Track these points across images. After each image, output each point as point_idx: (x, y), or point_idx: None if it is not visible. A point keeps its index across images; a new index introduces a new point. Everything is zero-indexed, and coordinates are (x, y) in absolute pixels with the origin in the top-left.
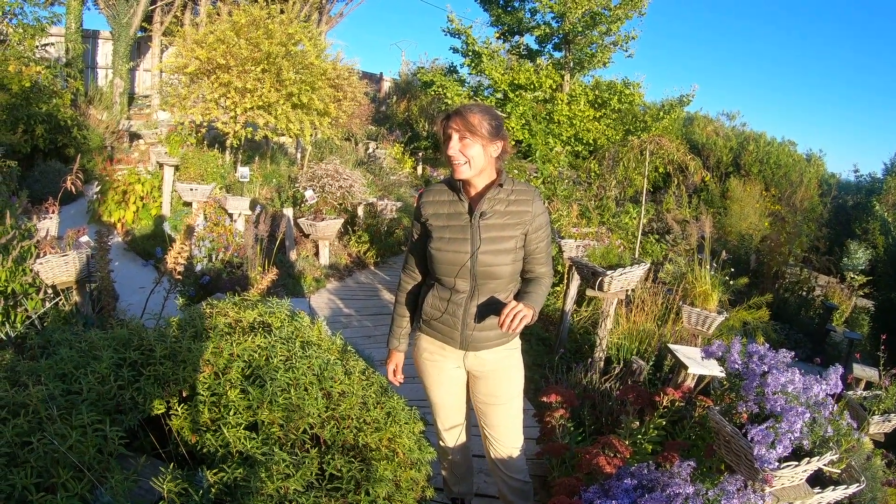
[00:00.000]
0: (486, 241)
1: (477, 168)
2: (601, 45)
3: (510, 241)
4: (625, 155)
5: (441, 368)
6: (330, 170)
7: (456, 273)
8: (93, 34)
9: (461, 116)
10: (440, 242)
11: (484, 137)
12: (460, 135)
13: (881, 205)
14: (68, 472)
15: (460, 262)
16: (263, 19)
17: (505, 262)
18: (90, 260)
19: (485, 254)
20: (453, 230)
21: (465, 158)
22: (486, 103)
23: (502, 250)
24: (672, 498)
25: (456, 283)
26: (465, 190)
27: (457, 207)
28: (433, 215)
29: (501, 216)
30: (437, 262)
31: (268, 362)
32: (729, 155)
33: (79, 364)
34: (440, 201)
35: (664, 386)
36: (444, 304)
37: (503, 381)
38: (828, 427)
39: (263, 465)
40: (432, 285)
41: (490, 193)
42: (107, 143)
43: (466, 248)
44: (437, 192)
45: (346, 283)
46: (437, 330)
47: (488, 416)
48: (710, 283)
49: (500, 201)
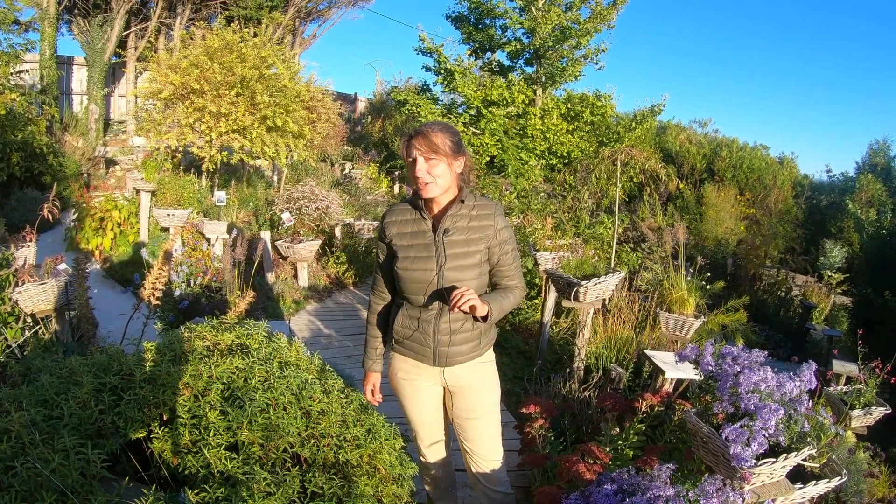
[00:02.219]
0: (451, 258)
1: (443, 186)
2: (572, 59)
3: (475, 255)
4: (596, 166)
5: (417, 387)
6: (306, 192)
7: (423, 291)
8: (67, 60)
9: (423, 137)
10: (406, 262)
11: (448, 155)
12: (425, 156)
13: (854, 203)
14: (52, 495)
15: (427, 280)
16: (236, 43)
17: (471, 276)
18: (68, 287)
19: (451, 270)
20: (418, 249)
21: (431, 178)
22: (461, 119)
23: (467, 266)
24: (653, 501)
25: (424, 301)
26: (427, 208)
27: (420, 226)
28: (397, 235)
29: (465, 232)
30: (404, 282)
31: (246, 383)
32: (703, 162)
33: (60, 390)
34: (403, 220)
35: (643, 392)
36: (415, 323)
37: (479, 395)
38: (805, 423)
39: (245, 484)
40: (401, 304)
41: (452, 210)
42: (83, 170)
43: (432, 265)
44: (400, 211)
45: (325, 303)
46: (409, 349)
47: (466, 431)
48: (687, 288)
49: (463, 217)
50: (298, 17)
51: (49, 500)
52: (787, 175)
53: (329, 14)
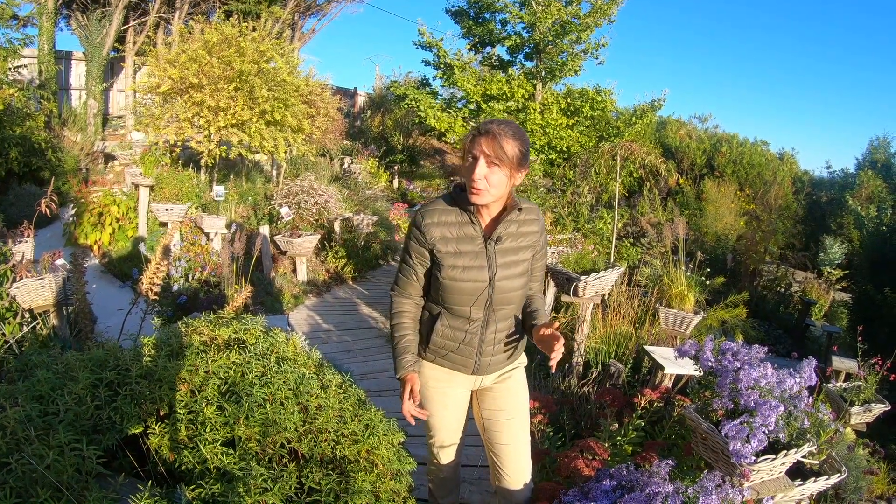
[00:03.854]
0: (503, 267)
1: (496, 196)
2: (572, 54)
3: (523, 263)
4: (596, 161)
5: (447, 394)
6: (305, 186)
7: (472, 302)
8: (66, 55)
9: (493, 139)
10: (455, 271)
11: (512, 166)
12: (488, 160)
13: (854, 199)
14: (47, 491)
15: (478, 292)
16: (235, 37)
17: (518, 285)
18: (66, 283)
19: (501, 280)
20: (468, 257)
21: (486, 185)
22: (460, 114)
23: (516, 274)
24: (651, 497)
25: (469, 312)
26: (477, 211)
27: (467, 231)
28: (441, 239)
29: (514, 239)
30: (450, 292)
31: (243, 378)
32: (702, 157)
33: (56, 385)
34: (447, 223)
35: (643, 387)
36: (460, 335)
37: (514, 395)
38: (804, 419)
39: (241, 479)
40: (439, 314)
41: (509, 217)
42: (82, 165)
43: (484, 276)
44: (443, 212)
45: (324, 298)
46: (448, 360)
47: (499, 433)
48: (686, 283)
49: (512, 223)
50: (297, 12)
51: (44, 496)
52: (787, 171)
53: (328, 8)
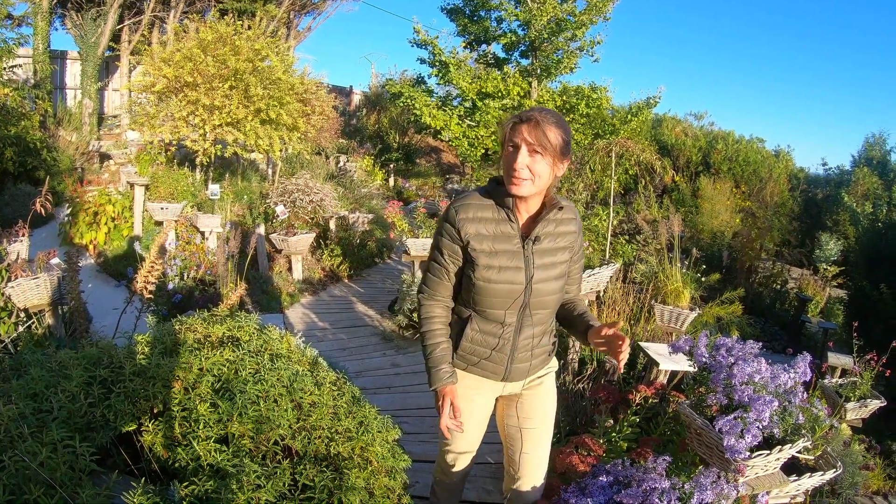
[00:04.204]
0: (541, 269)
1: (540, 187)
2: (567, 51)
3: (561, 266)
4: (591, 158)
5: (474, 403)
6: (300, 184)
7: (507, 305)
8: (61, 55)
9: (535, 126)
10: (489, 272)
11: (556, 154)
12: (530, 148)
13: (850, 196)
14: (40, 488)
15: (514, 295)
16: (230, 36)
17: (556, 288)
18: (61, 282)
19: (539, 283)
20: (504, 257)
21: (530, 175)
22: (456, 112)
23: (553, 277)
24: (648, 493)
25: (502, 316)
26: (516, 208)
27: (504, 228)
28: (476, 237)
29: (552, 239)
30: (484, 294)
31: (237, 375)
32: (698, 154)
33: (50, 383)
34: (483, 219)
35: (638, 383)
36: (492, 340)
37: (542, 402)
38: (799, 415)
39: (234, 476)
40: (469, 318)
41: (550, 215)
42: (77, 165)
43: (521, 277)
44: (479, 207)
45: (320, 296)
46: (478, 366)
47: (515, 441)
48: (682, 280)
49: (550, 222)
50: (293, 10)
51: (37, 493)
52: (782, 168)
53: (324, 6)
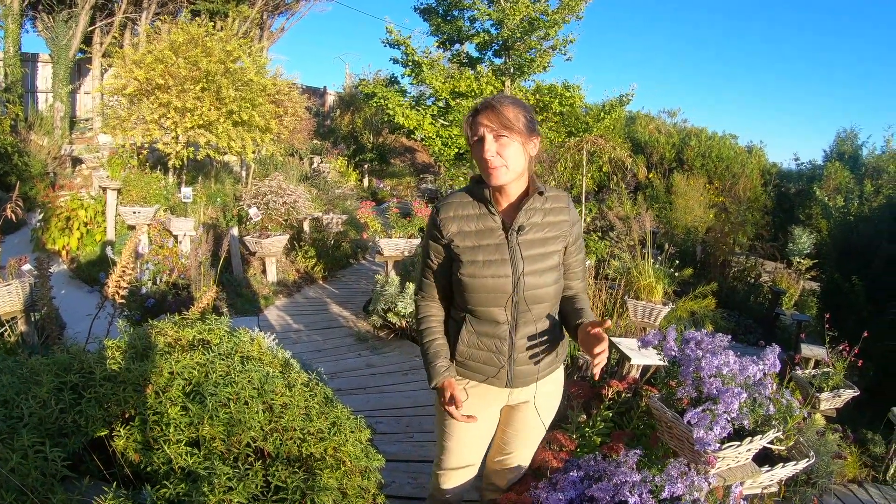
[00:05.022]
0: (529, 261)
1: (516, 171)
2: (540, 50)
3: (553, 257)
4: (562, 156)
5: (476, 413)
6: (273, 186)
7: (496, 302)
8: (32, 57)
9: (493, 111)
10: (473, 267)
11: (522, 133)
12: (494, 133)
13: (822, 190)
14: (12, 495)
15: (502, 290)
16: (202, 37)
17: (550, 282)
18: (34, 289)
19: (529, 275)
20: (487, 251)
21: (502, 160)
22: (429, 112)
23: (546, 269)
24: (619, 486)
25: (495, 314)
26: (495, 200)
27: (486, 222)
28: (458, 234)
29: (541, 229)
30: (471, 292)
31: (207, 378)
32: (672, 151)
33: (20, 389)
34: (465, 216)
35: (610, 378)
36: (486, 342)
37: (545, 411)
38: (769, 406)
39: (206, 479)
40: (463, 319)
41: (529, 203)
42: (49, 169)
43: (507, 271)
44: (460, 204)
45: (294, 298)
46: (476, 371)
47: (508, 444)
48: (655, 275)
49: (537, 211)
50: (266, 11)
51: (8, 499)
52: (755, 163)
53: (297, 7)
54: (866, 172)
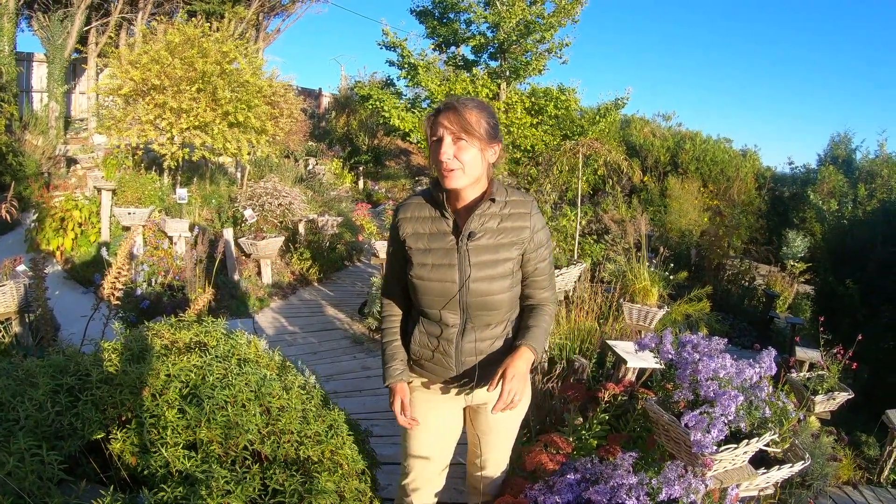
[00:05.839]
0: (478, 267)
1: (472, 176)
2: (536, 53)
3: (506, 264)
4: (558, 159)
5: (431, 411)
6: (269, 188)
7: (443, 305)
8: (27, 57)
9: (456, 113)
10: (422, 270)
11: (482, 139)
12: (454, 136)
13: (816, 194)
14: (9, 498)
15: (448, 294)
16: (198, 38)
17: (501, 289)
18: (28, 289)
19: (477, 282)
20: (437, 254)
21: (459, 164)
22: (424, 114)
23: (497, 276)
24: (616, 489)
25: (443, 317)
26: (450, 204)
27: (440, 226)
28: (412, 235)
29: (494, 235)
30: (419, 293)
31: (204, 381)
32: (666, 154)
33: (16, 392)
34: (420, 217)
35: (607, 382)
36: (434, 342)
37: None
38: (765, 408)
39: (204, 483)
40: (418, 319)
41: (480, 208)
42: (43, 170)
43: (454, 276)
44: (417, 206)
45: (289, 300)
46: (429, 370)
47: (482, 446)
48: (650, 278)
49: (493, 216)
50: (262, 12)
51: (6, 503)
52: (749, 167)
53: (293, 8)
54: (860, 176)
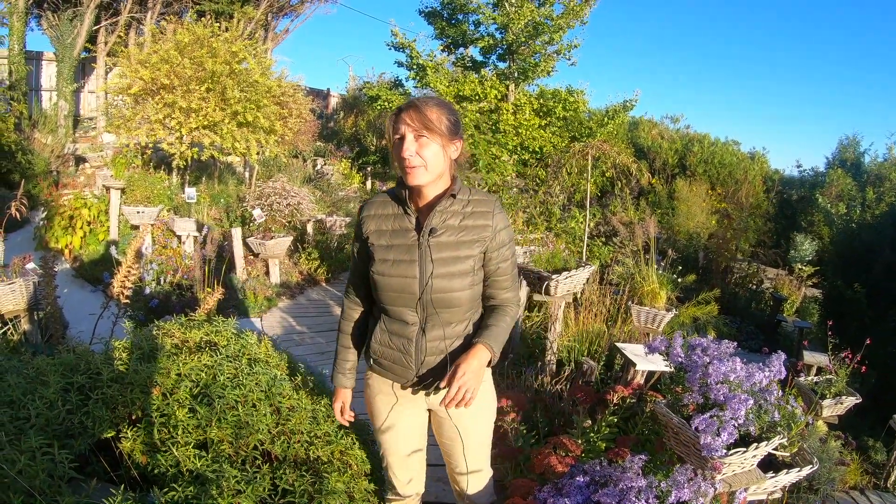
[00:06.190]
0: (439, 263)
1: (434, 172)
2: (544, 55)
3: (467, 261)
4: (567, 161)
5: (398, 412)
6: (277, 188)
7: (404, 302)
8: (36, 56)
9: (416, 110)
10: (384, 266)
11: (443, 135)
12: (416, 133)
13: (824, 197)
14: (19, 497)
15: (409, 290)
16: (207, 38)
17: (462, 286)
18: (37, 287)
19: (438, 278)
20: (399, 251)
21: (421, 160)
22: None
23: (458, 273)
24: (625, 492)
25: (404, 314)
26: (412, 201)
27: (402, 223)
28: (375, 232)
29: (456, 232)
30: (380, 290)
31: (215, 381)
32: (674, 157)
33: (26, 390)
34: (384, 215)
35: (615, 384)
36: (395, 340)
37: (472, 418)
38: (774, 412)
39: (214, 482)
40: (379, 316)
41: (442, 205)
42: (52, 168)
43: (414, 272)
44: (380, 204)
45: (297, 300)
46: (388, 370)
47: (453, 455)
48: (658, 281)
49: (455, 214)
50: (270, 12)
51: (16, 501)
52: (757, 170)
53: (301, 9)
54: (868, 180)
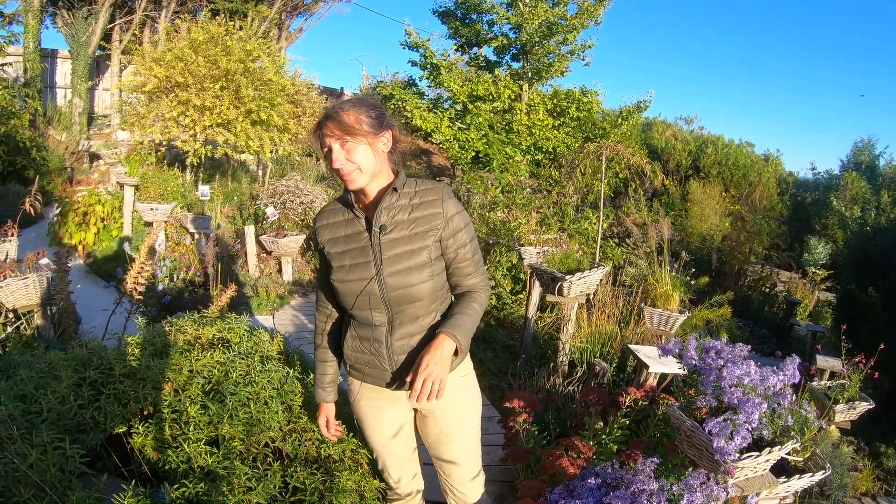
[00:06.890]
0: (391, 261)
1: (370, 171)
2: (558, 55)
3: (422, 253)
4: (581, 161)
5: (381, 412)
6: (291, 186)
7: (365, 304)
8: (51, 53)
9: (333, 120)
10: (341, 272)
11: (367, 134)
12: (340, 141)
13: (839, 200)
14: (30, 490)
15: (367, 291)
16: (221, 36)
17: (420, 279)
18: (50, 283)
19: (393, 276)
20: (353, 254)
21: (353, 165)
22: (446, 115)
23: (415, 267)
24: (637, 495)
25: (370, 317)
26: (358, 202)
27: (354, 227)
28: (329, 241)
29: (406, 226)
30: (341, 295)
31: (227, 377)
32: (688, 158)
33: (39, 384)
34: (335, 223)
35: (627, 386)
36: (365, 344)
37: (455, 415)
38: (788, 417)
39: (225, 479)
40: (348, 324)
41: (386, 201)
42: (66, 164)
43: (370, 272)
44: (331, 212)
45: (309, 298)
46: (366, 374)
47: (441, 454)
48: (671, 283)
49: (402, 208)
50: (284, 11)
51: (27, 495)
52: (771, 172)
53: (315, 8)
54: (883, 183)
